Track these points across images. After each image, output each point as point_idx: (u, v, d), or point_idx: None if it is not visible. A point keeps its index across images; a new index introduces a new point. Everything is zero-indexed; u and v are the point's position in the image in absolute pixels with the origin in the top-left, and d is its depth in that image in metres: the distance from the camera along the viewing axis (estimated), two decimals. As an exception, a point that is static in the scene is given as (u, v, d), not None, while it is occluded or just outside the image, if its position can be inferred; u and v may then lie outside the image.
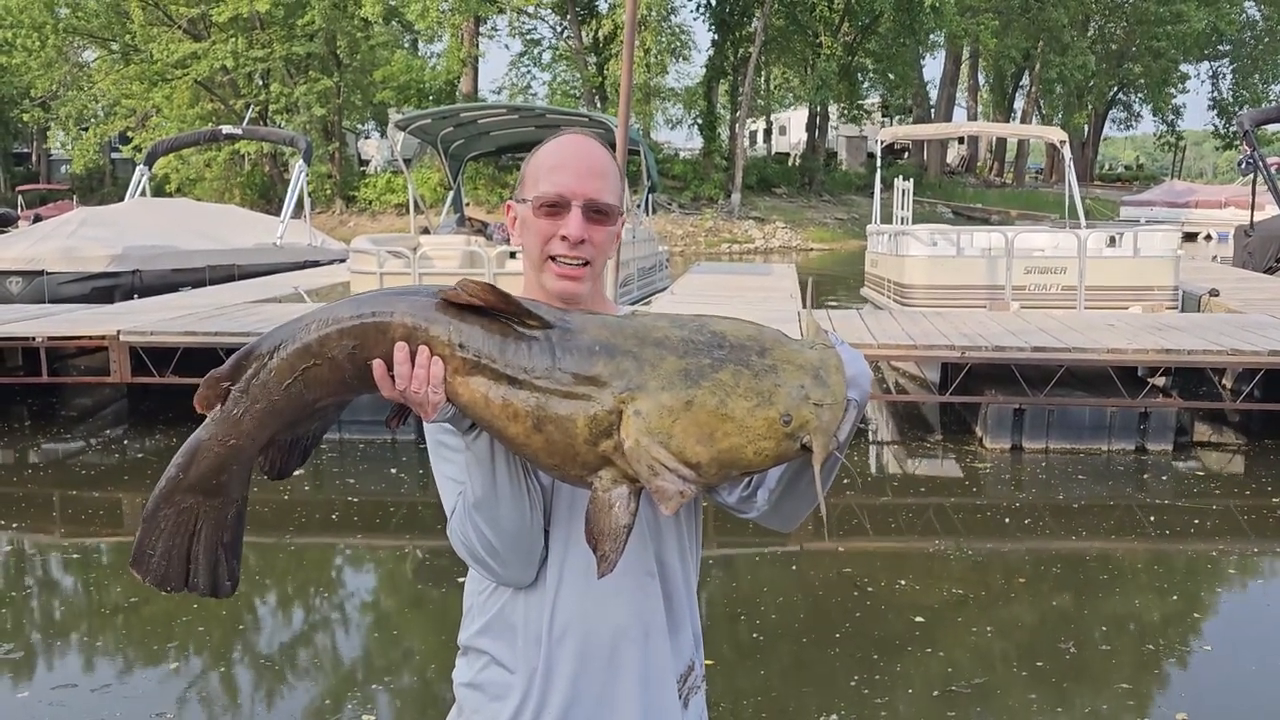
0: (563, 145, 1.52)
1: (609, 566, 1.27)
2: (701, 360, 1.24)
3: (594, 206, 1.48)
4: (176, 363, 8.45)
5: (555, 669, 1.47)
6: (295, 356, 1.33)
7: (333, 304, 1.37)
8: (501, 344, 1.27)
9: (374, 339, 1.30)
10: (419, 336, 1.29)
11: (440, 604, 5.26)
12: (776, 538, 5.94)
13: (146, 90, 35.56)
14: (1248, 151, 16.73)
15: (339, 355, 1.32)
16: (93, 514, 6.69)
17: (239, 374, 1.36)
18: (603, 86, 36.49)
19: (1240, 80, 49.30)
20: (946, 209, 36.92)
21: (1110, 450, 7.73)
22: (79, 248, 12.35)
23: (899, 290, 11.77)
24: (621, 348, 1.25)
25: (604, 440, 1.24)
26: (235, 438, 1.38)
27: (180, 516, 1.41)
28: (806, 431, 1.23)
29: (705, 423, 1.21)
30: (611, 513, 1.26)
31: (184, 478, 1.40)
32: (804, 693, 4.11)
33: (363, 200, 35.80)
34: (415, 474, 7.32)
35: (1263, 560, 5.73)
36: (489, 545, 1.42)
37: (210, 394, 1.37)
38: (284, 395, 1.34)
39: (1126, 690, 4.14)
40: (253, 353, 1.36)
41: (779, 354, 1.25)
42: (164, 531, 1.41)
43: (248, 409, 1.36)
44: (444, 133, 13.13)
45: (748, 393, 1.22)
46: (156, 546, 1.42)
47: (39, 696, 4.09)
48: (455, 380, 1.28)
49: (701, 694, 1.60)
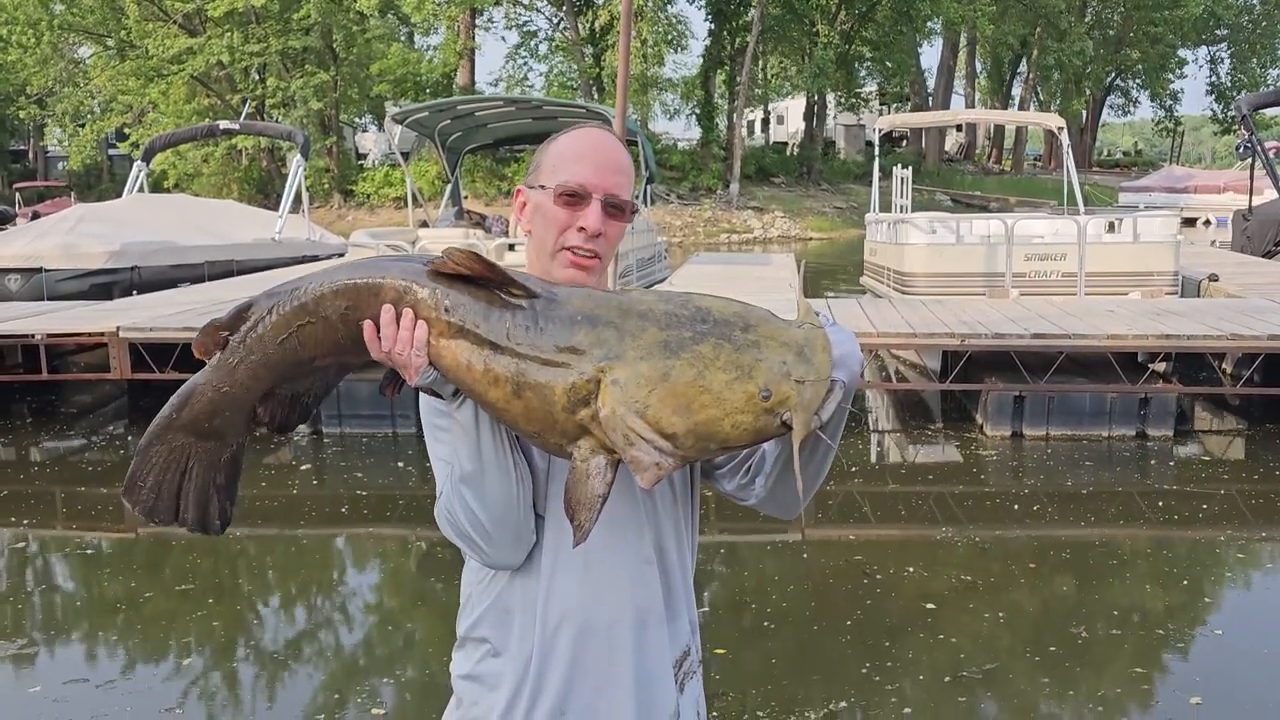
0: (586, 137, 1.53)
1: (583, 536, 1.29)
2: (683, 333, 1.24)
3: (613, 202, 1.49)
4: (176, 359, 8.45)
5: (552, 657, 1.47)
6: (291, 313, 1.37)
7: (332, 266, 1.41)
8: (486, 310, 1.29)
9: (366, 300, 1.34)
10: (406, 300, 1.32)
11: (446, 595, 5.27)
12: (781, 525, 5.96)
13: (142, 86, 35.48)
14: (1245, 136, 16.70)
15: (332, 315, 1.36)
16: (96, 510, 6.70)
17: (237, 324, 1.40)
18: (600, 77, 36.41)
19: (1238, 65, 49.22)
20: (945, 197, 36.88)
21: (1111, 436, 7.74)
22: (77, 244, 12.34)
23: (898, 278, 11.77)
24: (604, 318, 1.26)
25: (582, 409, 1.24)
26: (229, 385, 1.42)
27: (172, 454, 1.46)
28: (786, 408, 1.22)
29: (682, 394, 1.21)
30: (588, 482, 1.27)
31: (177, 418, 1.44)
32: (813, 680, 4.11)
33: (361, 194, 35.75)
34: (420, 467, 7.33)
35: (1268, 545, 5.74)
36: (475, 521, 1.42)
37: (208, 341, 1.41)
38: (278, 349, 1.38)
39: (1139, 675, 4.15)
40: (252, 305, 1.40)
41: (763, 330, 1.25)
42: (155, 466, 1.46)
43: (243, 359, 1.40)
44: (441, 125, 13.11)
45: (727, 366, 1.22)
46: (147, 479, 1.46)
47: (48, 693, 4.10)
48: (439, 344, 1.31)
49: (698, 679, 1.61)
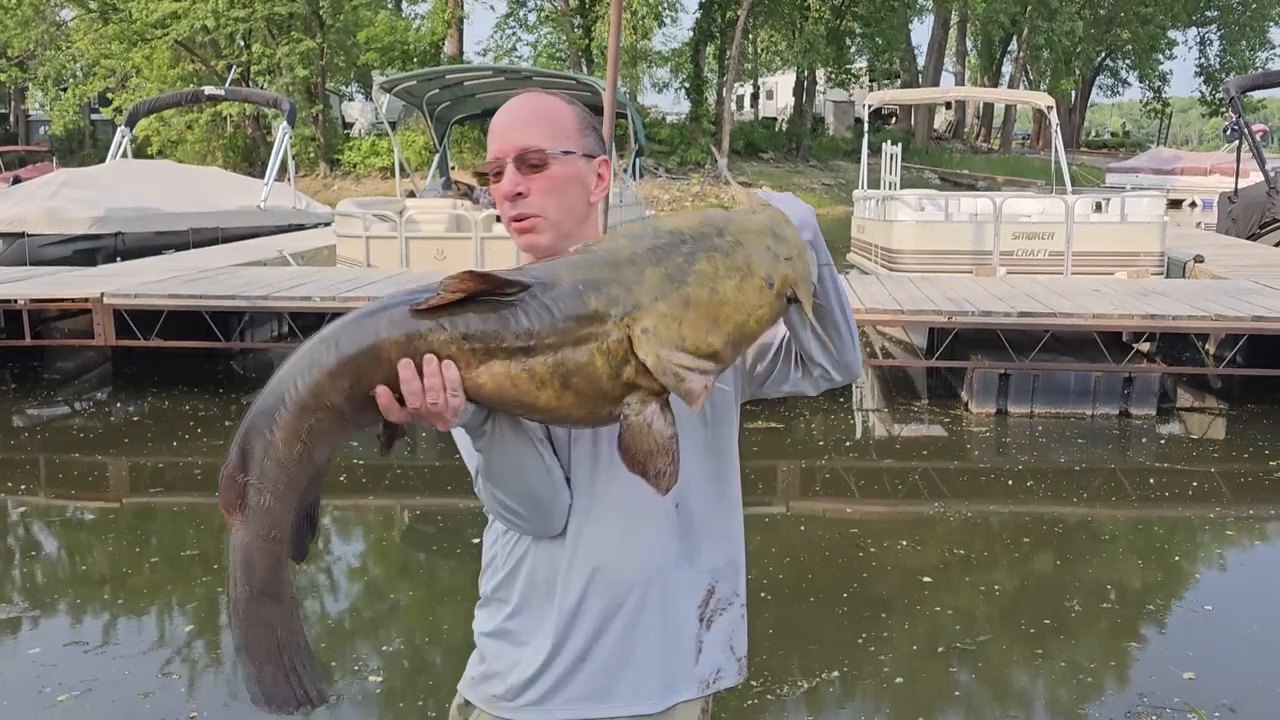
0: (502, 109, 1.53)
1: (670, 479, 1.28)
2: (675, 259, 1.26)
3: (523, 157, 1.49)
4: (161, 326, 8.40)
5: (575, 613, 1.50)
6: (294, 419, 1.25)
7: (305, 348, 1.27)
8: (500, 320, 1.24)
9: (368, 369, 1.23)
10: (416, 347, 1.23)
11: (451, 564, 5.29)
12: (769, 499, 5.99)
13: (126, 50, 35.04)
14: (1233, 118, 16.73)
15: (336, 400, 1.24)
16: (82, 477, 6.67)
17: (248, 461, 1.27)
18: (589, 49, 36.17)
19: (1228, 47, 49.23)
20: (933, 175, 36.89)
21: (1094, 415, 7.80)
22: (61, 209, 12.22)
23: (886, 255, 11.78)
24: (602, 278, 1.26)
25: (625, 368, 1.25)
26: (274, 527, 1.29)
27: (267, 633, 1.31)
28: (789, 286, 1.31)
29: (707, 313, 1.25)
30: (651, 431, 1.27)
31: (252, 590, 1.29)
32: (808, 650, 4.15)
33: (347, 163, 35.47)
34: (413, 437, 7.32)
35: (1252, 524, 5.81)
36: (511, 508, 1.47)
37: (233, 494, 1.28)
38: (295, 463, 1.27)
39: (1131, 649, 4.20)
40: (250, 432, 1.27)
41: (735, 229, 1.30)
42: (261, 656, 1.31)
43: (271, 492, 1.27)
44: (429, 95, 13.02)
45: (729, 272, 1.27)
46: (265, 673, 1.32)
47: (46, 658, 4.10)
48: (473, 374, 1.24)
49: (731, 614, 1.60)
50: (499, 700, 1.55)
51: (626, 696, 1.52)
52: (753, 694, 3.76)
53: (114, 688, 3.83)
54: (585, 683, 1.51)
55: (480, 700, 1.58)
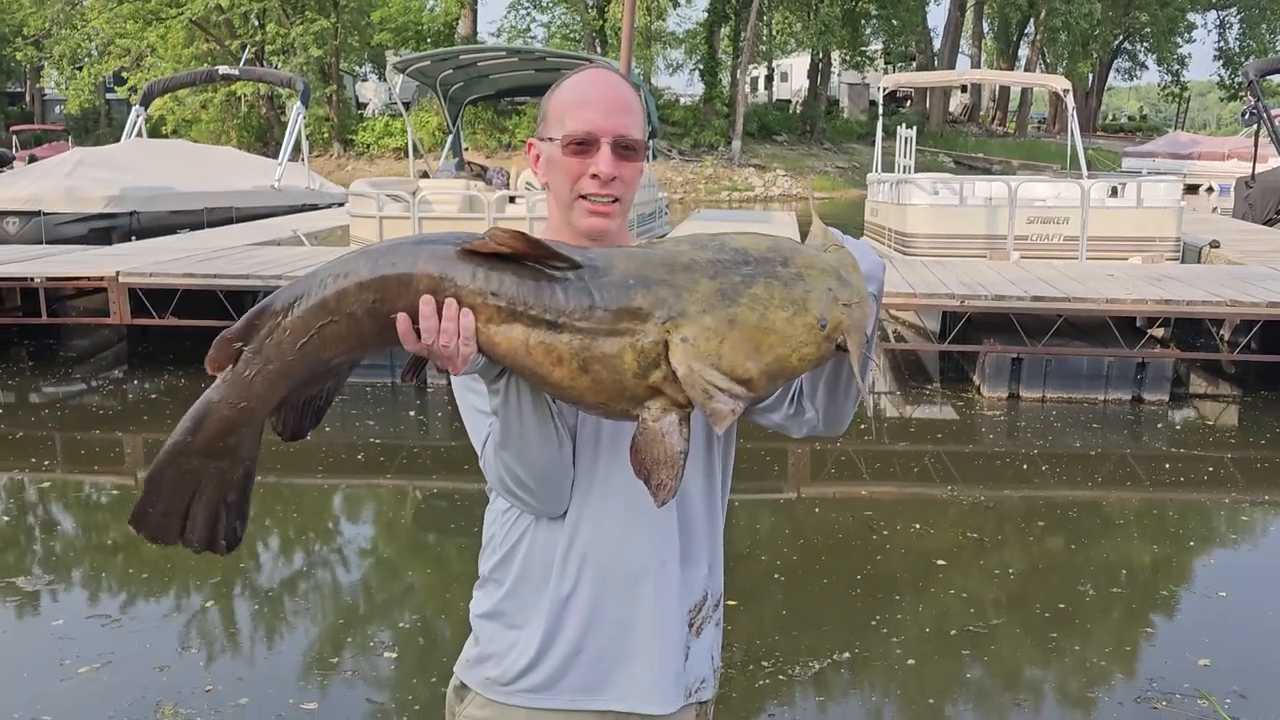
0: (588, 80, 1.50)
1: (669, 493, 1.27)
2: (733, 278, 1.25)
3: (623, 143, 1.47)
4: (176, 304, 8.45)
5: (571, 600, 1.50)
6: (311, 314, 1.27)
7: (346, 256, 1.29)
8: (535, 288, 1.24)
9: (396, 292, 1.25)
10: (444, 287, 1.24)
11: (460, 541, 5.33)
12: (781, 484, 6.01)
13: (141, 29, 35.07)
14: (1252, 102, 16.59)
15: (358, 311, 1.26)
16: (99, 453, 6.73)
17: (251, 333, 1.29)
18: (603, 30, 36.04)
19: (1248, 30, 48.73)
20: (948, 158, 36.68)
21: (1107, 400, 7.78)
22: (77, 188, 12.28)
23: (900, 239, 11.74)
24: (654, 277, 1.25)
25: (654, 371, 1.24)
26: (247, 400, 1.31)
27: (182, 478, 1.36)
28: (840, 332, 1.27)
29: (750, 338, 1.24)
30: (665, 441, 1.26)
31: (192, 441, 1.34)
32: (821, 630, 4.17)
33: (360, 144, 35.49)
34: (423, 418, 7.36)
35: (1265, 510, 5.79)
36: (520, 481, 1.44)
37: (221, 355, 1.30)
38: (298, 355, 1.28)
39: (1146, 634, 4.21)
40: (266, 310, 1.29)
41: (800, 261, 1.28)
42: (164, 493, 1.37)
43: (260, 369, 1.29)
44: (443, 75, 13.00)
45: (783, 303, 1.24)
46: (156, 505, 1.38)
47: (68, 630, 4.15)
48: (490, 329, 1.25)
49: (716, 624, 1.63)
50: (494, 684, 1.54)
51: (621, 691, 1.51)
52: (764, 674, 3.79)
53: (132, 660, 3.88)
54: (582, 674, 1.51)
55: (475, 683, 1.57)
